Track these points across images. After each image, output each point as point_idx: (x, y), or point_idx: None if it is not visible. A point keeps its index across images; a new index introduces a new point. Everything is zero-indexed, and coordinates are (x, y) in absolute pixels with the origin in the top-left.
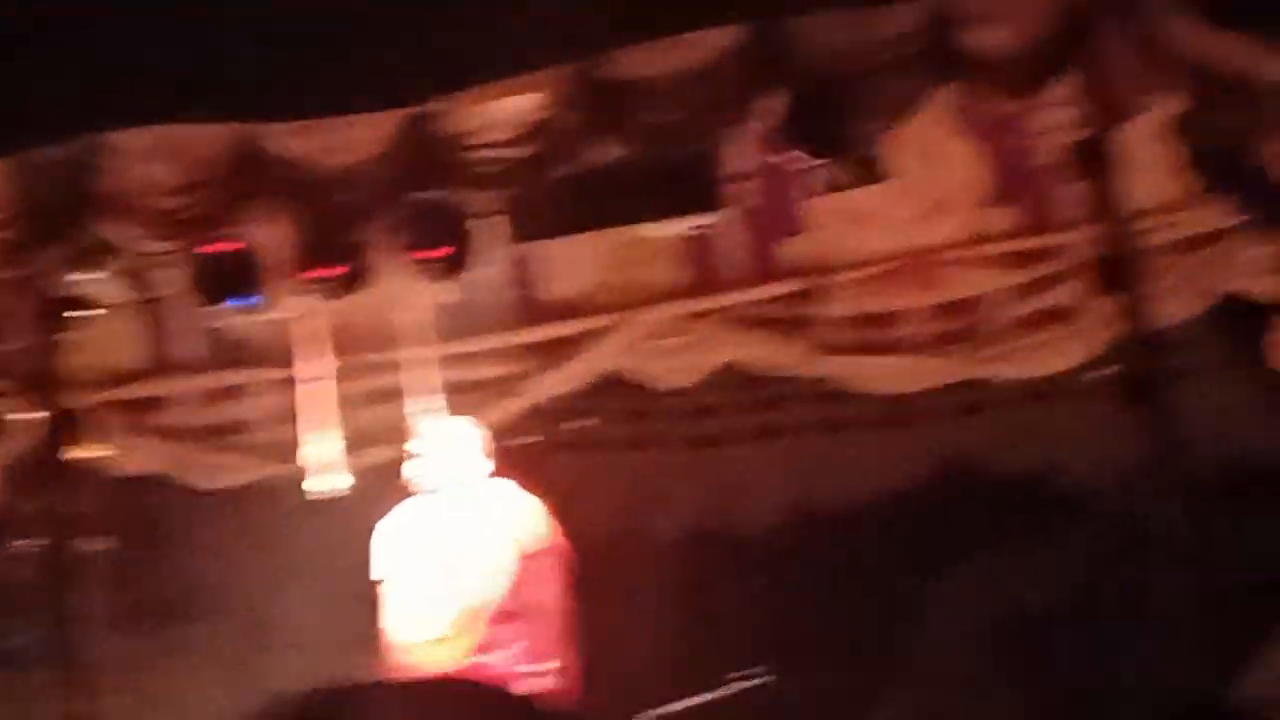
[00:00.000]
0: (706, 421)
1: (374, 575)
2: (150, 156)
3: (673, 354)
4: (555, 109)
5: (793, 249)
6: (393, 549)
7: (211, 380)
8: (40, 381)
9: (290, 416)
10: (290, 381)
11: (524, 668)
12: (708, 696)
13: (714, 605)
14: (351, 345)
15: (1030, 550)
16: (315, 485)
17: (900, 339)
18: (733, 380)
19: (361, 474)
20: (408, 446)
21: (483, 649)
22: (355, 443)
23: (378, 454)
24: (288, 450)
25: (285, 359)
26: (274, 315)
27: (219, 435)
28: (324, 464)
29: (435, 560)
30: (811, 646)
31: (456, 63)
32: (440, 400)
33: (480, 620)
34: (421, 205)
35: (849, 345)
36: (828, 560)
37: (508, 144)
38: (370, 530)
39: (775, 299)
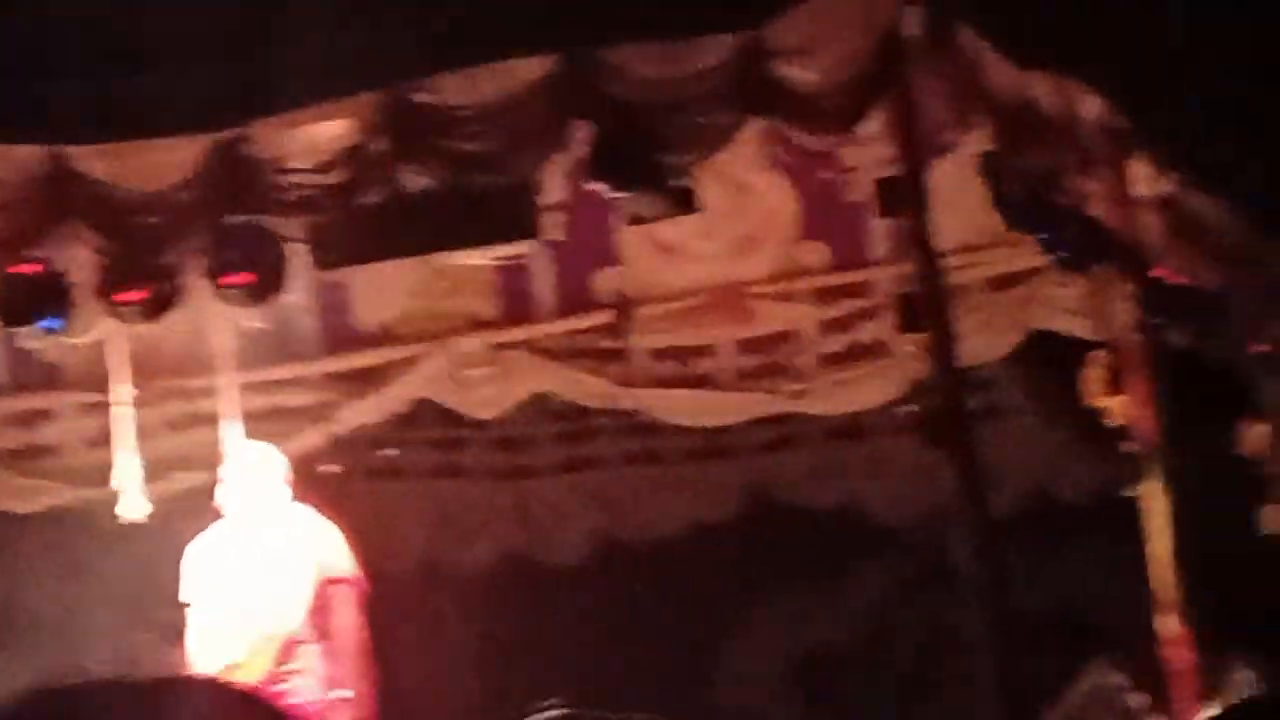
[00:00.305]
0: (514, 452)
1: (182, 598)
2: None
3: (482, 384)
4: (365, 135)
5: (605, 280)
6: (198, 572)
7: (18, 403)
8: None
9: (97, 440)
10: (96, 406)
11: (319, 695)
12: None
13: (518, 636)
14: (158, 370)
15: (834, 586)
16: (123, 510)
17: (710, 372)
18: (542, 411)
19: (170, 499)
20: (218, 471)
21: (277, 677)
22: (162, 467)
23: (186, 479)
24: (93, 475)
25: (91, 382)
26: (81, 338)
27: (26, 459)
28: (127, 488)
29: (233, 585)
30: (614, 680)
31: (267, 87)
32: (243, 427)
33: (275, 646)
34: (230, 230)
35: (659, 378)
36: (634, 593)
37: (317, 170)
38: (176, 555)
39: (586, 330)
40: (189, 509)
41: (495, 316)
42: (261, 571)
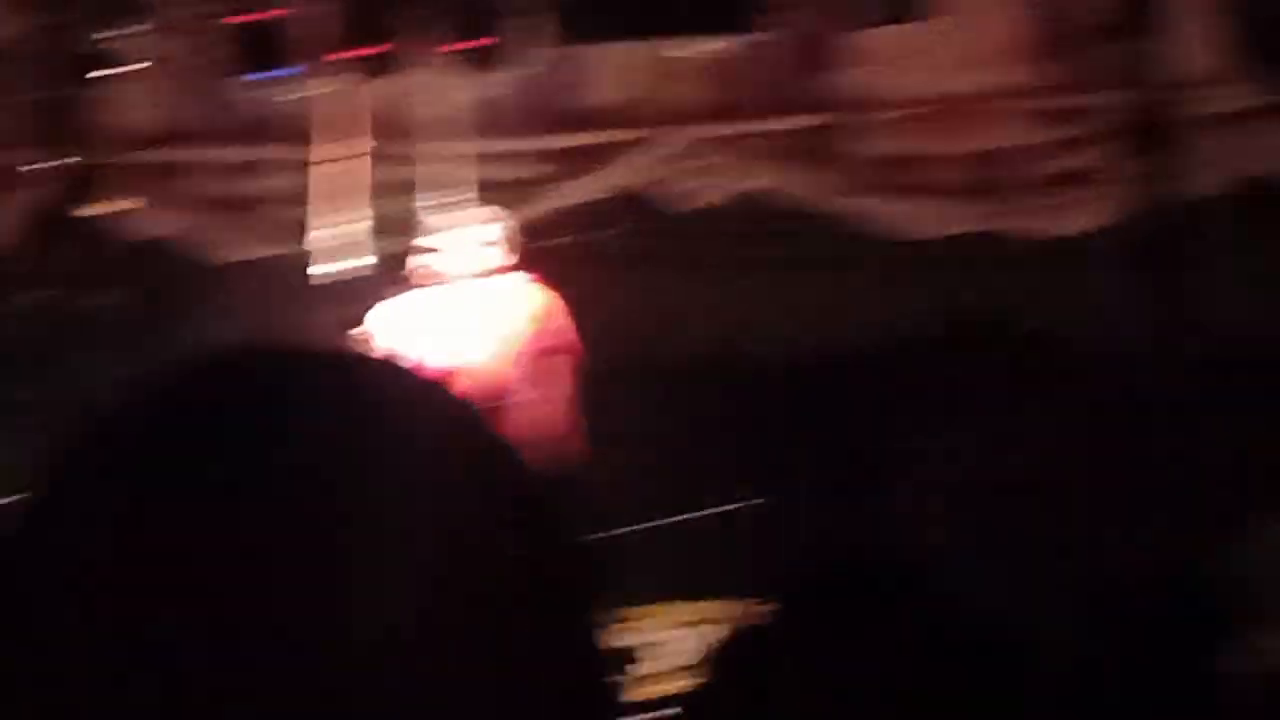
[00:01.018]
0: (723, 248)
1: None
2: None
3: (698, 174)
4: None
5: (828, 81)
6: (394, 332)
7: (235, 153)
8: (61, 135)
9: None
10: (315, 160)
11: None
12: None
13: (712, 431)
14: (380, 130)
15: (1030, 411)
16: (326, 268)
17: (926, 184)
18: (752, 209)
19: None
20: (425, 239)
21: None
22: (371, 230)
23: (394, 244)
24: (296, 230)
25: (304, 137)
26: (306, 92)
27: (237, 208)
28: (341, 247)
29: (436, 351)
30: (796, 481)
31: None
32: (464, 195)
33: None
34: None
35: (874, 185)
36: (830, 398)
37: None
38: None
39: (805, 130)
40: (389, 275)
41: (718, 108)
42: (470, 337)
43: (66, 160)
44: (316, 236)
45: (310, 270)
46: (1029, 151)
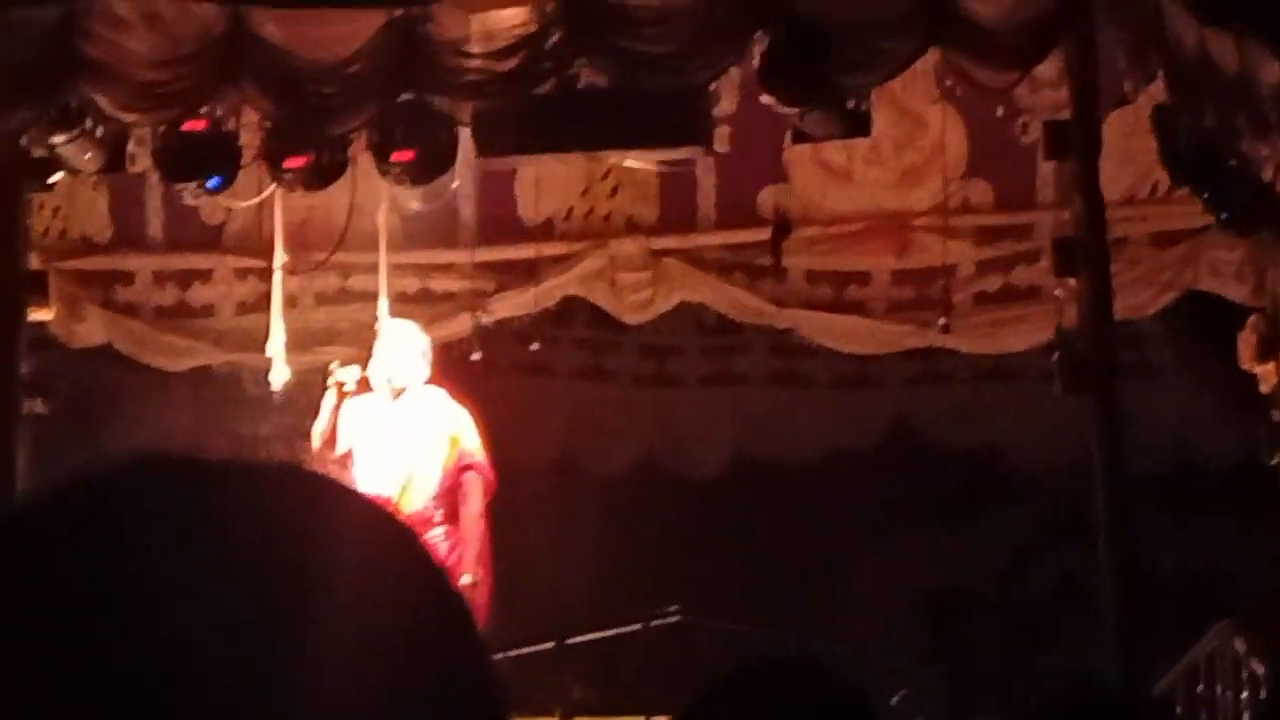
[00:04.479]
0: (661, 360)
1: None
2: (137, 26)
3: (635, 288)
4: (543, 25)
5: (768, 196)
6: (350, 430)
7: (173, 261)
8: (2, 240)
9: (249, 306)
10: (250, 270)
11: None
12: (622, 629)
13: (645, 542)
14: (313, 242)
15: (967, 527)
16: (274, 377)
17: (864, 300)
18: (692, 321)
19: (313, 370)
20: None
21: None
22: (308, 339)
23: (330, 353)
24: (243, 339)
25: (247, 247)
26: (241, 202)
27: (178, 317)
28: (279, 356)
29: (371, 457)
30: (736, 594)
31: None
32: (392, 306)
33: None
34: (400, 107)
35: (813, 300)
36: (767, 512)
37: (492, 55)
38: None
39: (745, 245)
40: (314, 386)
41: (654, 222)
42: (396, 449)
43: (11, 266)
44: (246, 348)
45: (242, 378)
46: (967, 268)
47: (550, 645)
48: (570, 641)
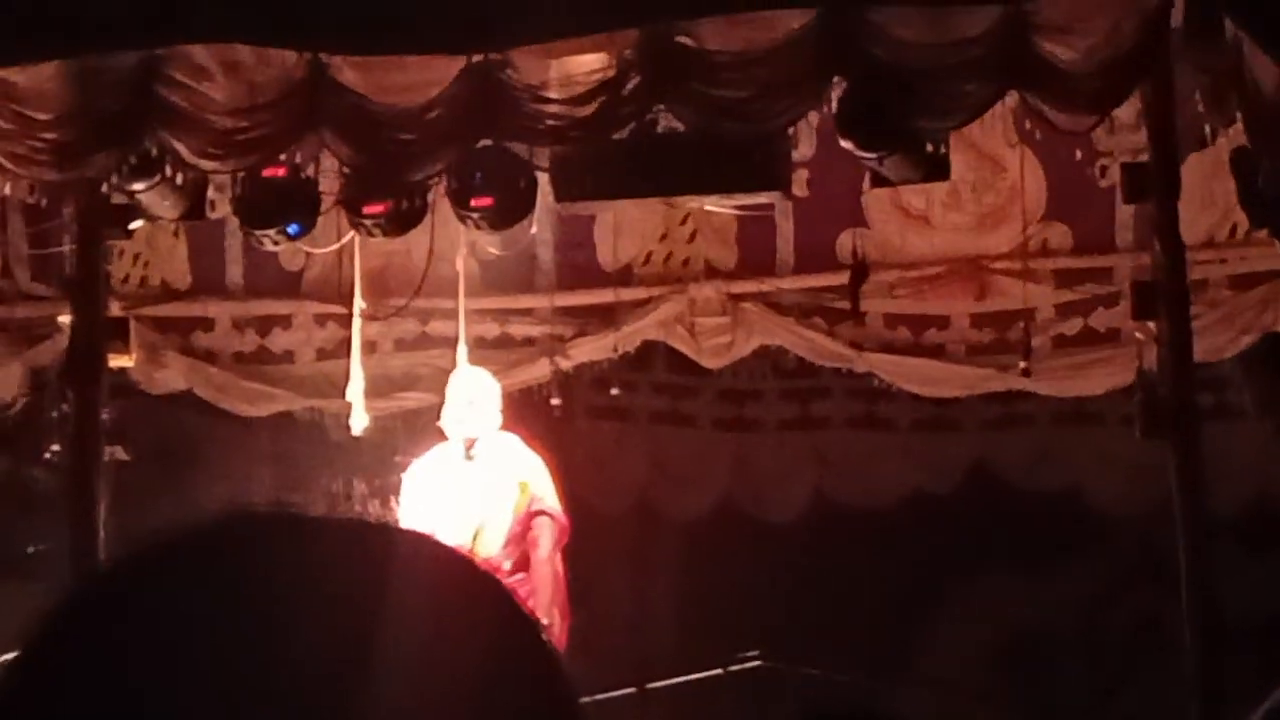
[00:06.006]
0: (739, 404)
1: (400, 517)
2: (216, 74)
3: (714, 333)
4: (622, 71)
5: (846, 241)
6: (416, 492)
7: (253, 307)
8: (83, 287)
9: (327, 352)
10: (329, 317)
11: None
12: (703, 674)
13: (724, 587)
14: (391, 288)
15: (1047, 571)
16: (354, 423)
17: (942, 343)
18: (770, 365)
19: (390, 416)
20: (449, 394)
21: None
22: (387, 385)
23: (410, 399)
24: (322, 385)
25: (326, 293)
26: (321, 249)
27: (257, 363)
28: (358, 402)
29: (444, 509)
30: (815, 639)
31: (528, 14)
32: (469, 352)
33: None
34: (478, 153)
35: (891, 343)
36: (846, 556)
37: (571, 101)
38: (393, 470)
39: (823, 289)
40: (410, 428)
41: (733, 267)
42: (469, 497)
43: (90, 313)
44: (325, 393)
45: (322, 424)
46: (1046, 311)
47: (631, 690)
48: (651, 686)
